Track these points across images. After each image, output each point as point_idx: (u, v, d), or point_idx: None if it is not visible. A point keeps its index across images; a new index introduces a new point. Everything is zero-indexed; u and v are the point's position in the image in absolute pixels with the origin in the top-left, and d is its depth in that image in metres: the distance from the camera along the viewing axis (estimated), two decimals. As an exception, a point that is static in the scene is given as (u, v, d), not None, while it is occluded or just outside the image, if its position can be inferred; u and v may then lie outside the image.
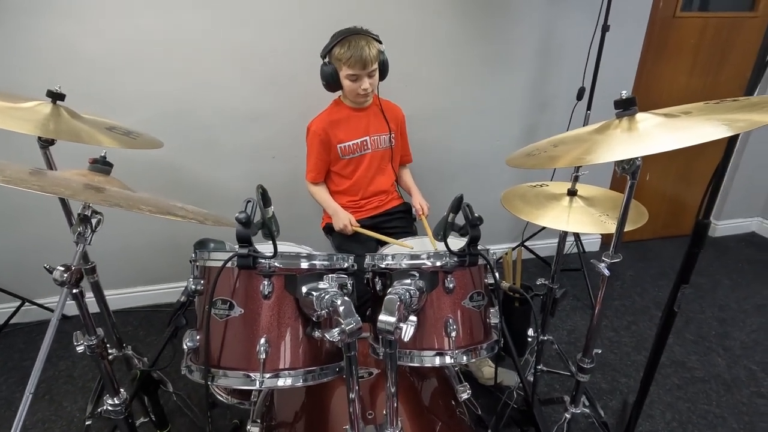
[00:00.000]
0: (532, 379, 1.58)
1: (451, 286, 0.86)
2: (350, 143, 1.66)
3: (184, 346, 0.84)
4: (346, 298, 0.73)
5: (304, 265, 0.82)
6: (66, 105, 1.14)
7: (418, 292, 0.80)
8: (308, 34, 1.94)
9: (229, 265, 0.81)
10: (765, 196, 2.95)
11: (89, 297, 1.42)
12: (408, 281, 0.84)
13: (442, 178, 2.40)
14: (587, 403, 1.22)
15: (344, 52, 1.46)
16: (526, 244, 2.58)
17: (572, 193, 1.29)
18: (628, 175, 0.90)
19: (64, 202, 1.27)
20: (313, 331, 0.82)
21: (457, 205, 0.84)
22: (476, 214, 0.85)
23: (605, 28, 1.99)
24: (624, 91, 0.86)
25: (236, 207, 0.76)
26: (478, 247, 0.87)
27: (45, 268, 0.87)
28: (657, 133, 0.81)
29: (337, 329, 0.70)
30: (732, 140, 0.94)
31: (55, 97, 1.12)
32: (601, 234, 2.87)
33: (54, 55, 1.76)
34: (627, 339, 2.06)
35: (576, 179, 1.28)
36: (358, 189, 1.75)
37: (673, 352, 1.97)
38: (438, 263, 0.85)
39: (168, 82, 1.91)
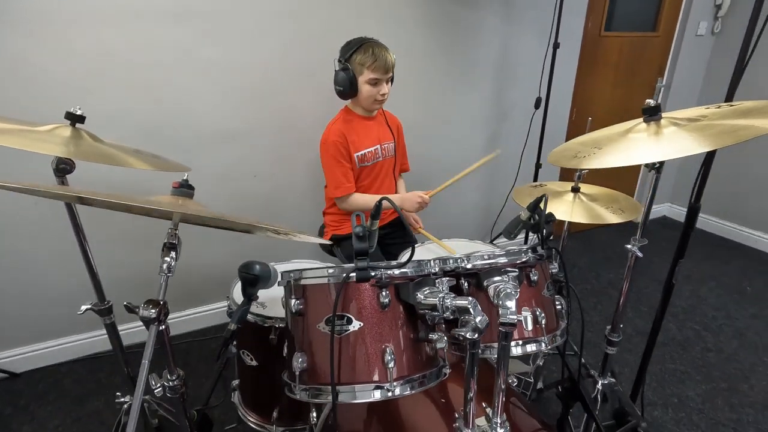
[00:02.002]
0: (541, 363, 1.74)
1: (535, 278, 0.94)
2: (366, 151, 1.68)
3: (296, 370, 0.82)
4: (470, 297, 0.78)
5: (417, 272, 0.84)
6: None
7: (518, 285, 0.87)
8: (284, 50, 1.95)
9: (326, 281, 0.81)
10: (671, 184, 3.51)
11: (122, 330, 1.25)
12: (498, 278, 0.91)
13: (416, 185, 2.49)
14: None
15: (368, 57, 1.51)
16: (495, 242, 2.78)
17: (576, 190, 1.47)
18: (654, 171, 1.07)
19: (82, 243, 1.12)
20: (427, 334, 0.85)
21: (535, 206, 0.94)
22: (547, 212, 0.95)
23: (556, 45, 2.26)
24: (650, 100, 1.02)
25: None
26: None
27: (126, 305, 0.79)
28: (681, 137, 0.98)
29: (468, 327, 0.74)
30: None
31: (75, 119, 1.01)
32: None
33: (13, 74, 1.56)
34: (597, 318, 2.33)
35: (580, 177, 1.45)
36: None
37: (635, 324, 2.27)
38: (524, 259, 0.93)
39: (139, 102, 1.78)
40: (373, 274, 0.80)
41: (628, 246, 1.16)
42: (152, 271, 1.99)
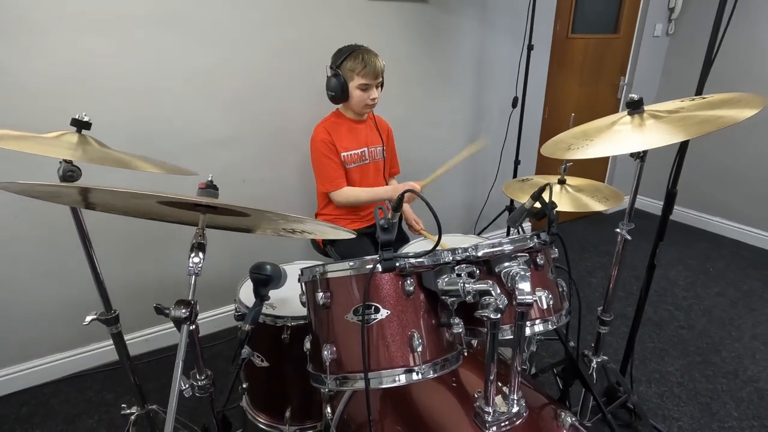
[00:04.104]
0: (534, 348, 1.83)
1: (541, 263, 1.01)
2: (352, 152, 1.72)
3: (326, 361, 0.84)
4: (489, 281, 0.83)
5: (434, 261, 0.89)
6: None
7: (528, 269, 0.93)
8: (272, 56, 1.97)
9: (349, 273, 0.85)
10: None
11: (107, 345, 1.21)
12: (508, 263, 0.96)
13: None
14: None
15: (358, 64, 1.56)
16: (483, 234, 2.87)
17: (562, 182, 1.56)
18: (638, 160, 1.16)
19: (86, 244, 1.10)
20: (449, 319, 0.89)
21: (538, 194, 1.00)
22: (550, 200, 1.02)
23: (530, 47, 2.38)
24: (633, 95, 1.11)
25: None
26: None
27: (156, 307, 0.79)
28: (664, 127, 1.07)
29: (490, 307, 0.80)
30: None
31: (81, 125, 1.00)
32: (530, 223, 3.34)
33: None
34: (576, 304, 2.44)
35: (565, 170, 1.54)
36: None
37: (615, 307, 2.40)
38: (531, 244, 1.00)
39: (124, 109, 1.74)
40: (397, 264, 0.84)
41: (618, 230, 1.25)
42: (151, 279, 1.97)
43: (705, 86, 1.27)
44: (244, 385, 1.39)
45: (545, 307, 0.99)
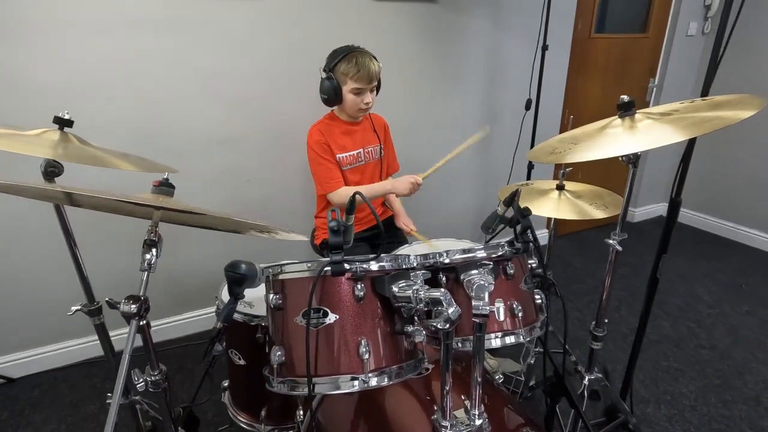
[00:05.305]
0: (533, 361, 1.75)
1: (511, 272, 0.96)
2: (347, 155, 1.70)
3: (273, 363, 0.83)
4: (442, 289, 0.79)
5: (389, 266, 0.86)
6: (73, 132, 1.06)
7: (492, 279, 0.89)
8: (275, 57, 1.99)
9: (307, 275, 0.83)
10: (667, 184, 3.52)
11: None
12: (475, 272, 0.92)
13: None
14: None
15: (351, 67, 1.53)
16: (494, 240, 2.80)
17: (561, 187, 1.48)
18: (630, 165, 1.08)
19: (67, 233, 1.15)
20: (403, 327, 0.86)
21: (510, 200, 0.95)
22: (523, 206, 0.97)
23: (545, 48, 2.29)
24: (624, 96, 1.04)
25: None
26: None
27: (107, 302, 0.81)
28: (656, 130, 1.00)
29: (441, 318, 0.76)
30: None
31: (63, 123, 1.04)
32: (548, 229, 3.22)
33: (5, 82, 1.60)
34: (590, 317, 2.33)
35: (564, 175, 1.47)
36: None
37: (629, 322, 2.27)
38: (500, 252, 0.95)
39: (132, 109, 1.81)
40: (348, 267, 0.82)
41: (609, 241, 1.17)
42: (156, 273, 2.03)
43: (739, 89, 1.17)
44: (225, 383, 1.41)
45: (503, 318, 0.94)
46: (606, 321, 1.31)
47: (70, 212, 1.15)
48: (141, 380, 0.85)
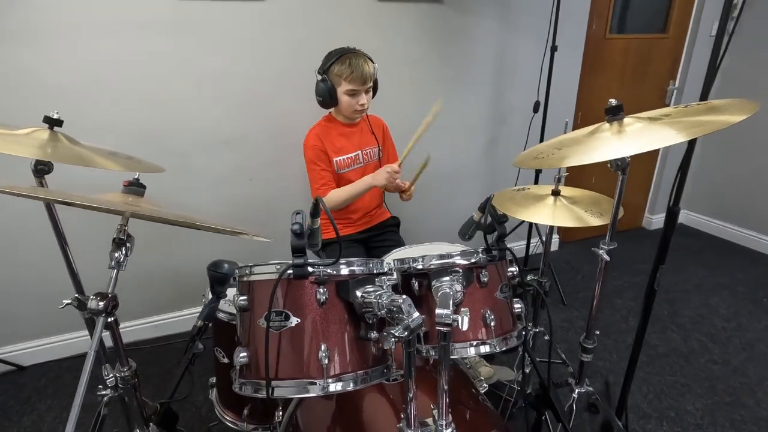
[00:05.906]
0: (528, 370, 1.70)
1: (485, 280, 0.93)
2: (344, 157, 1.70)
3: (236, 365, 0.84)
4: (405, 296, 0.78)
5: (357, 270, 0.85)
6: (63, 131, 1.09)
7: (461, 287, 0.86)
8: (276, 56, 2.00)
9: (269, 278, 0.83)
10: (686, 191, 3.37)
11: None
12: (447, 278, 0.90)
13: (417, 190, 2.51)
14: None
15: (345, 69, 1.53)
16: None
17: (556, 193, 1.44)
18: (619, 171, 1.04)
19: (58, 232, 1.19)
20: (367, 333, 0.85)
21: (485, 205, 0.93)
22: (501, 212, 0.94)
23: (554, 49, 2.23)
24: (612, 100, 1.00)
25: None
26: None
27: (75, 298, 0.83)
28: (643, 134, 0.95)
29: (401, 326, 0.74)
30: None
31: (53, 123, 1.07)
32: (559, 235, 3.14)
33: (14, 83, 1.66)
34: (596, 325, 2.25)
35: (559, 180, 1.42)
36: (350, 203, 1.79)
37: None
38: (473, 260, 0.93)
39: (137, 110, 1.85)
40: (311, 270, 0.81)
41: (597, 250, 1.13)
42: (147, 271, 2.08)
43: (737, 92, 1.11)
44: (213, 380, 1.43)
45: (486, 328, 0.92)
46: (597, 332, 1.26)
47: (70, 210, 1.18)
48: (111, 375, 0.86)
